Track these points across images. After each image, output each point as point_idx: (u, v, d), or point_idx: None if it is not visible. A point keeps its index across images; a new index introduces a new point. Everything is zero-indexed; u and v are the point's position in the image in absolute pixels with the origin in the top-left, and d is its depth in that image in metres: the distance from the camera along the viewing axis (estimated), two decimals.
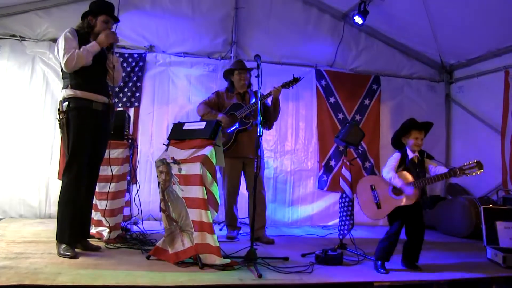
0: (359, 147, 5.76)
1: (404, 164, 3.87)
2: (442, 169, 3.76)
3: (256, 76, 4.16)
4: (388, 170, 3.86)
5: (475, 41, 6.27)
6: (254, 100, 5.10)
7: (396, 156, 3.91)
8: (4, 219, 5.58)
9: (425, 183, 3.73)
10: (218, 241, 3.59)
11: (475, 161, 3.59)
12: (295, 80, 5.04)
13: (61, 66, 3.83)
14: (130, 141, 4.89)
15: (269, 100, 5.16)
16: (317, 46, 6.95)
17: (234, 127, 5.02)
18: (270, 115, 5.17)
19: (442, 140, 7.33)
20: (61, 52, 3.74)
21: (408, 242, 3.88)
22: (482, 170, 3.55)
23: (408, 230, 3.87)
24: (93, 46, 3.83)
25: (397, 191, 3.82)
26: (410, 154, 3.87)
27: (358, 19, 6.32)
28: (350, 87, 7.01)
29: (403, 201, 3.77)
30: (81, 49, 3.77)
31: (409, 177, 3.77)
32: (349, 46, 7.09)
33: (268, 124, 5.23)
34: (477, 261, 4.34)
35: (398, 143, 4.01)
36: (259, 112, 3.99)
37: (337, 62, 7.03)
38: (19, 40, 5.98)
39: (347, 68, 7.10)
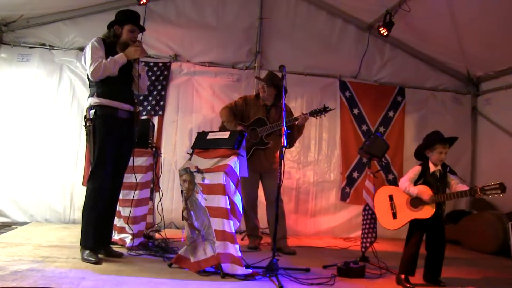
0: (383, 160, 5.70)
1: (424, 177, 3.81)
2: (463, 187, 3.68)
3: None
4: (404, 180, 3.84)
5: (503, 52, 6.15)
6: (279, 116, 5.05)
7: (416, 169, 3.87)
8: (30, 223, 5.69)
9: (444, 198, 3.65)
10: (240, 251, 3.59)
11: (497, 182, 3.43)
12: (325, 109, 5.04)
13: (87, 75, 3.90)
14: (154, 149, 4.94)
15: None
16: (341, 57, 6.93)
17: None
18: (292, 136, 5.12)
19: (468, 154, 7.20)
20: (88, 61, 3.81)
21: (429, 256, 3.81)
22: (504, 193, 3.39)
23: (428, 243, 3.81)
24: (121, 58, 3.89)
25: (415, 204, 3.76)
26: (432, 168, 3.81)
27: (383, 30, 6.29)
28: (374, 98, 6.97)
29: (420, 214, 3.71)
30: (109, 60, 3.83)
31: (429, 191, 3.70)
32: (374, 57, 7.05)
33: (289, 144, 5.17)
34: (505, 278, 4.23)
35: (421, 156, 3.96)
36: (284, 122, 3.96)
37: (362, 73, 6.99)
38: (48, 49, 6.14)
39: (371, 80, 7.05)
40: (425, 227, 3.75)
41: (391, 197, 3.93)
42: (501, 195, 3.40)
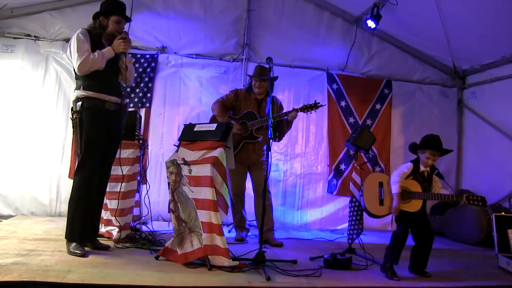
0: (370, 152, 5.73)
1: (414, 174, 3.89)
2: (445, 192, 3.91)
3: (267, 79, 4.13)
4: (396, 175, 3.88)
5: (489, 46, 6.21)
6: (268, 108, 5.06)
7: (409, 166, 3.93)
8: (16, 216, 5.63)
9: (431, 197, 3.82)
10: (227, 243, 3.60)
11: (480, 197, 3.72)
12: (316, 106, 5.04)
13: (73, 67, 3.85)
14: (140, 141, 4.91)
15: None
16: (329, 49, 6.94)
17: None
18: (282, 129, 5.15)
19: (454, 146, 7.23)
20: (74, 55, 3.75)
21: (416, 248, 3.88)
22: (484, 207, 3.82)
23: (416, 236, 3.88)
24: (108, 52, 3.84)
25: (404, 196, 3.82)
26: (422, 167, 3.91)
27: (371, 23, 6.31)
28: (362, 91, 6.99)
29: (407, 207, 3.78)
30: (96, 54, 3.78)
31: (418, 187, 3.81)
32: (361, 50, 7.07)
33: (278, 137, 5.20)
34: (488, 269, 4.30)
35: (414, 152, 4.05)
36: (270, 114, 3.98)
37: (349, 66, 7.01)
38: (33, 39, 6.03)
39: (359, 72, 7.07)
40: (411, 220, 3.80)
41: (381, 184, 3.97)
42: (480, 208, 3.74)
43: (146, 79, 6.30)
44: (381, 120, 7.02)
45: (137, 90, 6.25)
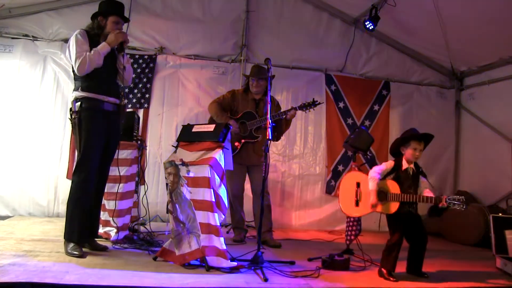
0: (368, 153, 5.74)
1: (395, 173, 3.81)
2: (430, 193, 3.70)
3: (264, 78, 4.12)
4: (375, 170, 3.81)
5: (487, 48, 6.22)
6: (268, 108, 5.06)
7: (390, 163, 3.86)
8: (13, 217, 5.62)
9: (406, 199, 3.65)
10: (225, 244, 3.60)
11: (462, 197, 3.53)
12: (314, 103, 5.05)
13: (72, 68, 3.84)
14: (139, 142, 4.91)
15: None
16: (328, 50, 6.94)
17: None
18: (281, 129, 5.15)
19: (451, 147, 7.28)
20: (73, 56, 3.75)
21: (411, 250, 3.85)
22: (464, 208, 3.49)
23: (410, 237, 3.83)
24: (103, 47, 3.83)
25: (381, 197, 3.74)
26: (405, 165, 3.80)
27: (369, 25, 6.31)
28: (360, 92, 7.00)
29: (383, 208, 3.72)
30: (92, 52, 3.77)
31: (397, 189, 3.70)
32: (360, 51, 7.07)
33: (276, 137, 5.19)
34: (485, 270, 4.30)
35: (396, 153, 3.94)
36: (269, 116, 3.98)
37: (347, 67, 7.02)
38: (31, 40, 6.03)
39: (357, 73, 7.08)
40: (405, 223, 3.74)
41: (358, 184, 3.95)
42: (462, 209, 3.51)
43: (145, 80, 6.29)
44: (379, 121, 7.04)
45: (136, 91, 6.25)
